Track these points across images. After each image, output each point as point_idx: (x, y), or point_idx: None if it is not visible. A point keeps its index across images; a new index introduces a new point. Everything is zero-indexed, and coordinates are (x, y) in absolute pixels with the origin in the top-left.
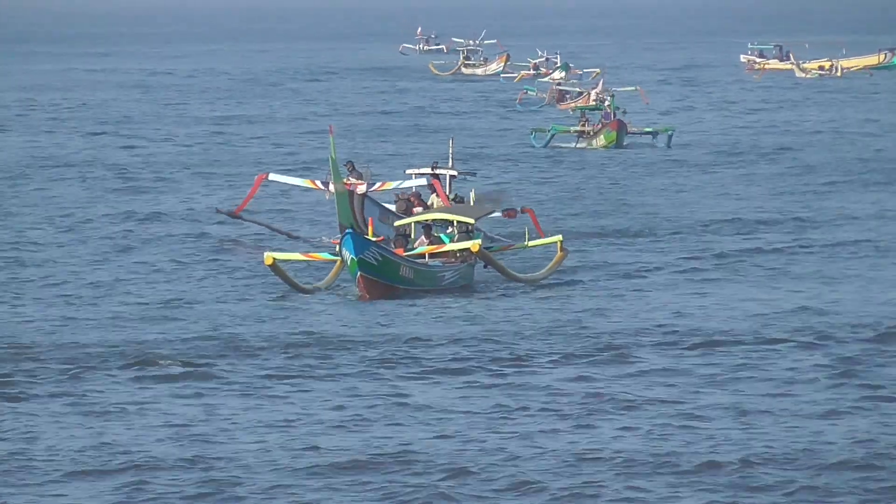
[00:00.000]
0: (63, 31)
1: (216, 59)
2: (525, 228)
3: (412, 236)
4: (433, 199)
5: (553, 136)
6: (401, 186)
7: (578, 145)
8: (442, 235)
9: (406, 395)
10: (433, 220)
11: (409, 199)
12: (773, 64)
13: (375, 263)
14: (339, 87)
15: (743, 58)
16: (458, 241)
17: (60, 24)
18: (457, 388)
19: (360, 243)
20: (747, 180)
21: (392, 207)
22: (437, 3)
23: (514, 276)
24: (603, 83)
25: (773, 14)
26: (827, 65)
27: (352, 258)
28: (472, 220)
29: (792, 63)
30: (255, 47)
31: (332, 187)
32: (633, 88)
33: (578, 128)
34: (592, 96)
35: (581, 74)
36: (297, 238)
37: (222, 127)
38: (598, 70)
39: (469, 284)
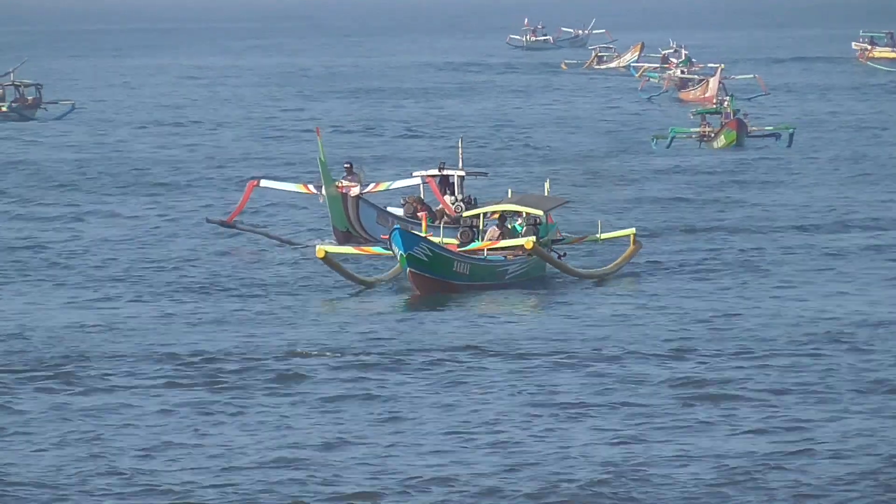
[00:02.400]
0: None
1: (351, 54)
2: (598, 221)
3: (481, 227)
4: (449, 199)
5: (673, 138)
6: (392, 187)
7: (702, 147)
8: (516, 226)
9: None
10: (502, 211)
11: (415, 202)
12: (884, 52)
13: (426, 259)
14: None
15: (855, 45)
16: (526, 233)
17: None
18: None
19: (409, 239)
20: (864, 181)
21: (399, 211)
22: None
23: (575, 272)
24: (721, 71)
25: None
26: None
27: (401, 254)
28: (540, 212)
29: None
30: (369, 43)
31: (324, 191)
32: (751, 76)
33: (699, 130)
34: (711, 84)
35: (703, 69)
36: (295, 244)
37: (371, 121)
38: (721, 66)
39: (541, 277)
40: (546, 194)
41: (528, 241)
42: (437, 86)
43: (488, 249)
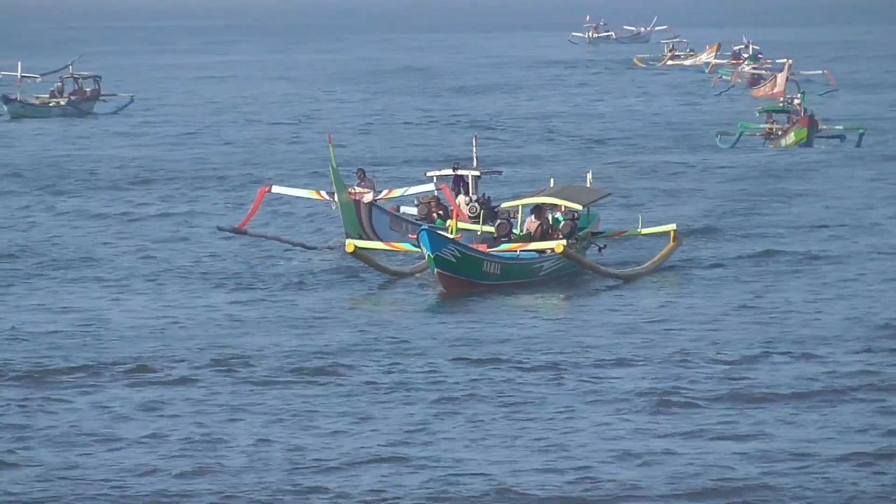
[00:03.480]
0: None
1: (417, 51)
2: (639, 215)
3: (519, 219)
4: (459, 200)
5: (741, 135)
6: (406, 193)
7: (767, 146)
8: (557, 216)
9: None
10: (541, 203)
11: (430, 203)
12: None
13: (454, 260)
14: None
15: None
16: (564, 228)
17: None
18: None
19: (437, 240)
20: None
21: (414, 211)
22: None
23: (611, 273)
24: (790, 67)
25: None
26: None
27: (429, 255)
28: (580, 207)
29: None
30: (426, 39)
31: (336, 197)
32: (820, 72)
33: (766, 127)
34: (779, 80)
35: (771, 65)
36: (309, 247)
37: (431, 113)
38: (789, 61)
39: (577, 272)
40: (588, 185)
41: (558, 245)
42: (504, 82)
43: (520, 251)
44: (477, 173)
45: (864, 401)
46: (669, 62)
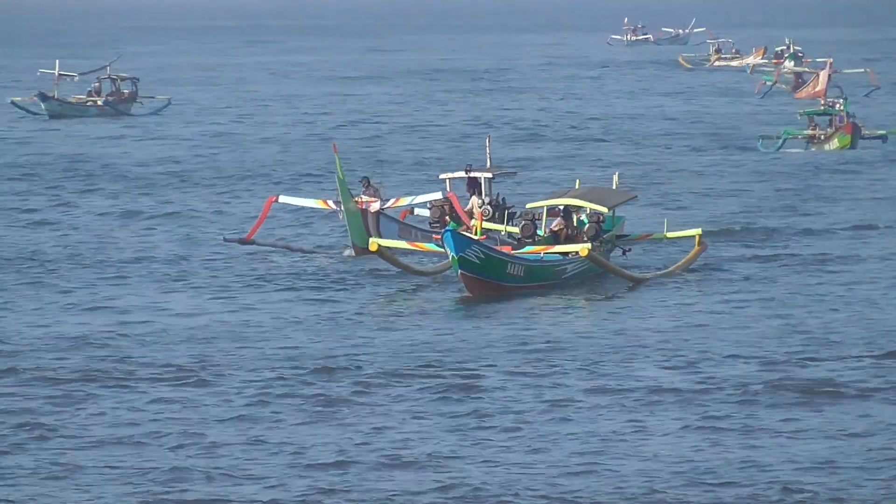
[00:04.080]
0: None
1: (457, 51)
2: (665, 219)
3: (543, 220)
4: (472, 202)
5: (785, 141)
6: (415, 202)
7: (810, 150)
8: (582, 218)
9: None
10: (566, 205)
11: (443, 206)
12: None
13: (478, 262)
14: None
15: None
16: (589, 230)
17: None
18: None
19: (461, 241)
20: None
21: (426, 213)
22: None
23: (635, 278)
24: (831, 66)
25: None
26: None
27: (453, 256)
28: (605, 210)
29: None
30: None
31: (343, 207)
32: (862, 71)
33: (809, 132)
34: (821, 78)
35: (811, 64)
36: (317, 254)
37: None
38: (830, 59)
39: (601, 274)
40: (614, 188)
41: (583, 249)
42: (545, 84)
43: (545, 254)
44: (490, 175)
45: None
46: (716, 63)
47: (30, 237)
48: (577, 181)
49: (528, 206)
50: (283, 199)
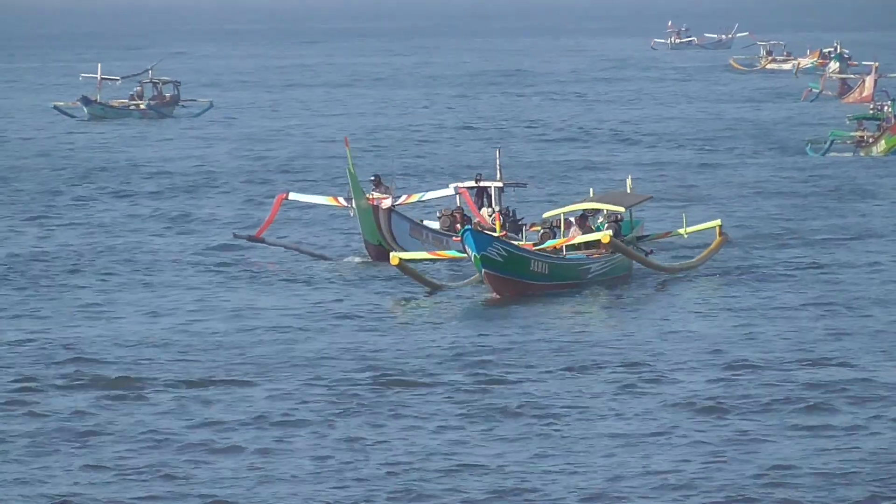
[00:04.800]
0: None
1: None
2: (683, 215)
3: (561, 228)
4: (484, 212)
5: (832, 143)
6: (424, 198)
7: (858, 154)
8: (599, 225)
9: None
10: (583, 209)
11: (452, 215)
12: None
13: (500, 259)
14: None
15: None
16: (608, 230)
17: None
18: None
19: (482, 240)
20: None
21: (435, 225)
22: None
23: (658, 266)
24: (877, 69)
25: None
26: None
27: (475, 255)
28: (622, 209)
29: None
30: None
31: (354, 204)
32: None
33: (856, 135)
34: (867, 83)
35: (858, 66)
36: (328, 258)
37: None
38: (876, 63)
39: (626, 275)
40: (628, 191)
41: (604, 235)
42: (589, 88)
43: (566, 246)
44: (500, 185)
45: None
46: (769, 66)
47: (63, 238)
48: (591, 190)
49: (544, 215)
50: (292, 196)
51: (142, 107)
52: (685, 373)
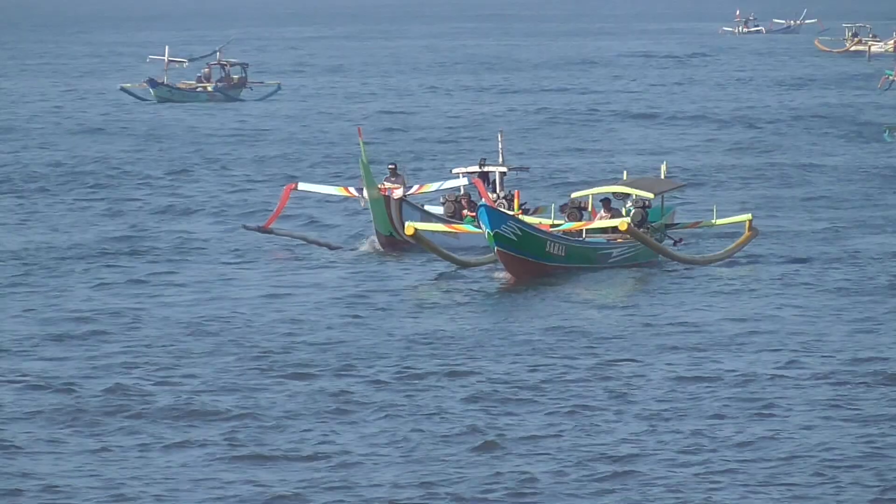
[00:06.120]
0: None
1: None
2: (713, 207)
3: (588, 209)
4: (490, 197)
5: None
6: (442, 188)
7: None
8: (628, 208)
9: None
10: (612, 193)
11: (457, 201)
12: None
13: (515, 238)
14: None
15: None
16: (635, 216)
17: None
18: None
19: (496, 217)
20: None
21: (440, 210)
22: None
23: (679, 257)
24: None
25: None
26: None
27: (488, 232)
28: (651, 195)
29: None
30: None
31: (366, 194)
32: None
33: None
34: None
35: None
36: (336, 248)
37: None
38: None
39: (649, 263)
40: (662, 177)
41: (622, 223)
42: (658, 77)
43: (586, 230)
44: (504, 170)
45: None
46: (854, 48)
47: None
48: (625, 172)
49: (573, 195)
50: (302, 186)
51: (209, 89)
52: (708, 362)
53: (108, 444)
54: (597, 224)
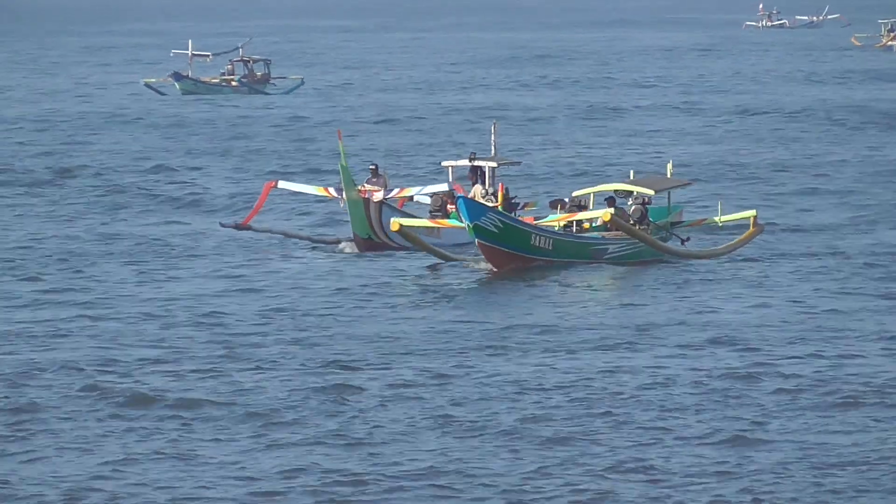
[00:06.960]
0: None
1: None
2: (718, 203)
3: (590, 207)
4: (475, 191)
5: None
6: (423, 192)
7: None
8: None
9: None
10: (614, 190)
11: (443, 196)
12: None
13: (495, 230)
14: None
15: None
16: (634, 213)
17: None
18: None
19: (475, 209)
20: None
21: (426, 201)
22: None
23: (676, 252)
24: None
25: None
26: None
27: (468, 224)
28: (651, 192)
29: None
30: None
31: (345, 195)
32: None
33: None
34: None
35: None
36: (317, 241)
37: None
38: None
39: (645, 261)
40: (668, 176)
41: (605, 213)
42: (683, 72)
43: (567, 221)
44: (494, 164)
45: None
46: (890, 42)
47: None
48: (632, 172)
49: (574, 193)
50: (282, 184)
51: (233, 83)
52: (697, 357)
53: (78, 437)
54: (580, 216)
